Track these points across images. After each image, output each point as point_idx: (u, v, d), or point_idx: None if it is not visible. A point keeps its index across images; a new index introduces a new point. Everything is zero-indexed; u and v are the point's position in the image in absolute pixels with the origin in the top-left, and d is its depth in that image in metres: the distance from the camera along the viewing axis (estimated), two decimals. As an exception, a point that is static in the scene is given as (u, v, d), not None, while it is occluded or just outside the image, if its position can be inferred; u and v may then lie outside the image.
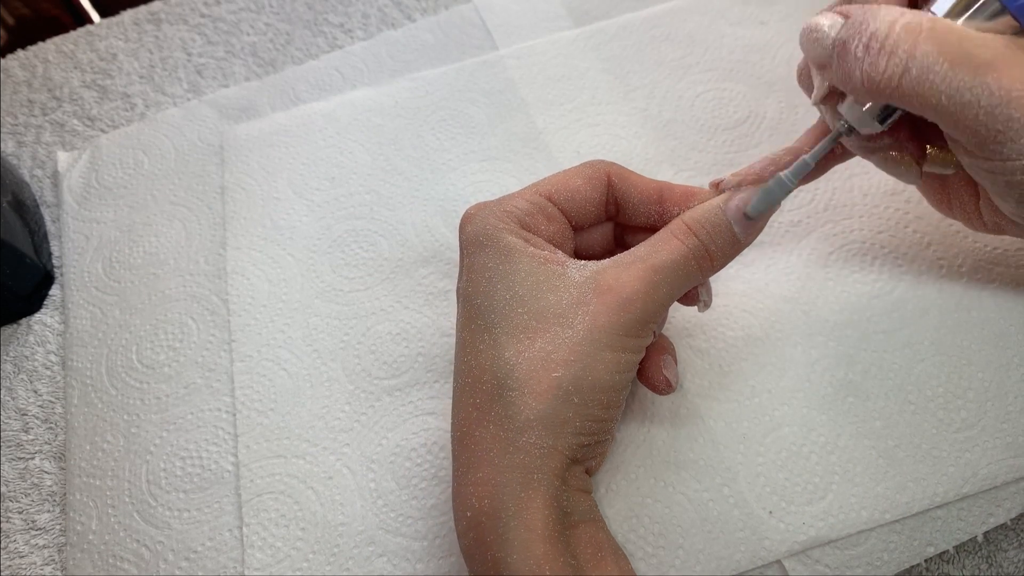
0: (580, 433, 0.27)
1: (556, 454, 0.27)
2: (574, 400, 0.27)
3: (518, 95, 0.44)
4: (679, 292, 0.29)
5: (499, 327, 0.28)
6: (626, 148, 0.41)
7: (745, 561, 0.30)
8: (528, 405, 0.27)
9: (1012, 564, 0.30)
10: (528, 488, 0.26)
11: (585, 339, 0.27)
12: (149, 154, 0.45)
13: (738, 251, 0.30)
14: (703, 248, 0.29)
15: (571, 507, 0.27)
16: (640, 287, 0.28)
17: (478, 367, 0.28)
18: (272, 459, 0.34)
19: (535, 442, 0.27)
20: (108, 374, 0.37)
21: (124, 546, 0.33)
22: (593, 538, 0.27)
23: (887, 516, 0.30)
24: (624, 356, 0.28)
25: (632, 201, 0.31)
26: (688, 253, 0.29)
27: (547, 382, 0.27)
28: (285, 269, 0.39)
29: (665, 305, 0.29)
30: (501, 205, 0.31)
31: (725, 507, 0.30)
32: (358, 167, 0.42)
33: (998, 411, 0.31)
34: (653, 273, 0.28)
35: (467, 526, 0.27)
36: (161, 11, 0.52)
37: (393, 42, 0.48)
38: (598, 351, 0.27)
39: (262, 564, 0.32)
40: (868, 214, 0.36)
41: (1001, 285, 0.34)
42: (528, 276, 0.29)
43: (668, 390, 0.31)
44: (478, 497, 0.27)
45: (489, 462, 0.27)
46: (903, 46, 0.24)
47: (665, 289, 0.28)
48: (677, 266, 0.28)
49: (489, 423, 0.28)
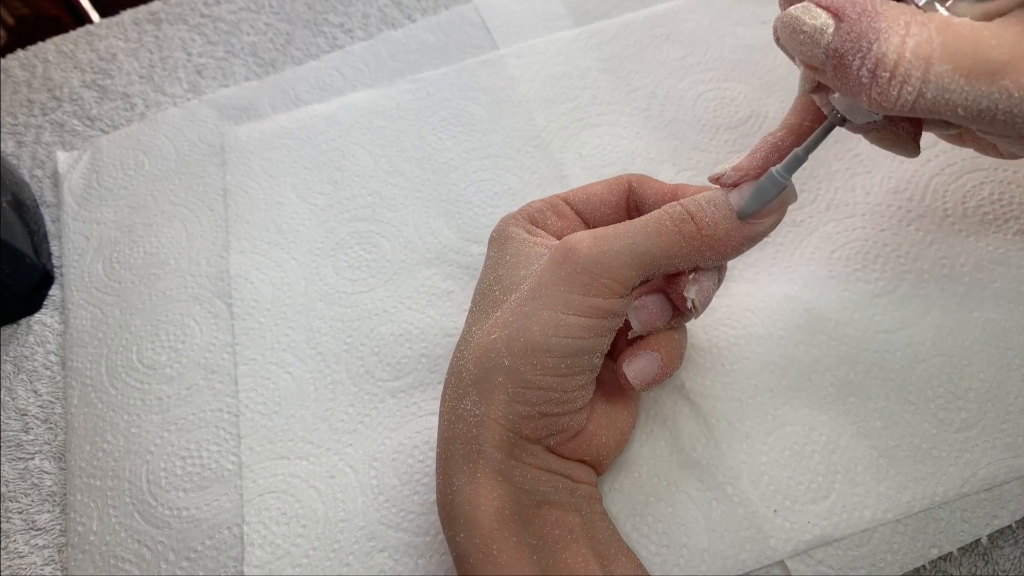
0: (516, 401, 0.26)
1: (490, 423, 0.26)
2: (504, 363, 0.26)
3: (519, 94, 0.44)
4: (649, 255, 0.27)
5: (479, 307, 0.29)
6: (627, 148, 0.41)
7: (750, 560, 0.29)
8: (468, 371, 0.27)
9: (1009, 562, 0.30)
10: (469, 460, 0.26)
11: (525, 298, 0.27)
12: (149, 155, 0.45)
13: (736, 240, 0.27)
14: (685, 213, 0.27)
15: (528, 485, 0.26)
16: (588, 238, 0.26)
17: (458, 349, 0.29)
18: (275, 460, 0.34)
19: (470, 409, 0.27)
20: (108, 374, 0.37)
21: (125, 546, 0.33)
22: (561, 520, 0.27)
23: (889, 515, 0.30)
24: (566, 318, 0.26)
25: (648, 202, 0.31)
26: (663, 214, 0.27)
27: (484, 345, 0.27)
28: (288, 272, 0.39)
29: (625, 259, 0.26)
30: (522, 208, 0.31)
31: (729, 506, 0.30)
32: (360, 169, 0.42)
33: (998, 411, 0.31)
34: (611, 230, 0.27)
35: (438, 507, 0.28)
36: (161, 11, 0.52)
37: (393, 42, 0.48)
38: (536, 311, 0.26)
39: (262, 561, 0.32)
40: (870, 212, 0.36)
41: (1003, 285, 0.34)
42: (512, 258, 0.29)
43: (627, 387, 0.29)
44: (437, 475, 0.27)
45: (442, 437, 0.27)
46: (915, 73, 0.22)
47: (624, 241, 0.26)
48: (647, 225, 0.27)
49: (447, 396, 0.28)
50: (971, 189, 0.36)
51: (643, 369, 0.29)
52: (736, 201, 0.27)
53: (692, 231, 0.27)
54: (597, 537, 0.27)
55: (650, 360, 0.29)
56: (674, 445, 0.32)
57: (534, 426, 0.27)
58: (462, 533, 0.26)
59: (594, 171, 0.40)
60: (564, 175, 0.40)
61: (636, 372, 0.29)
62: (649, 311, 0.29)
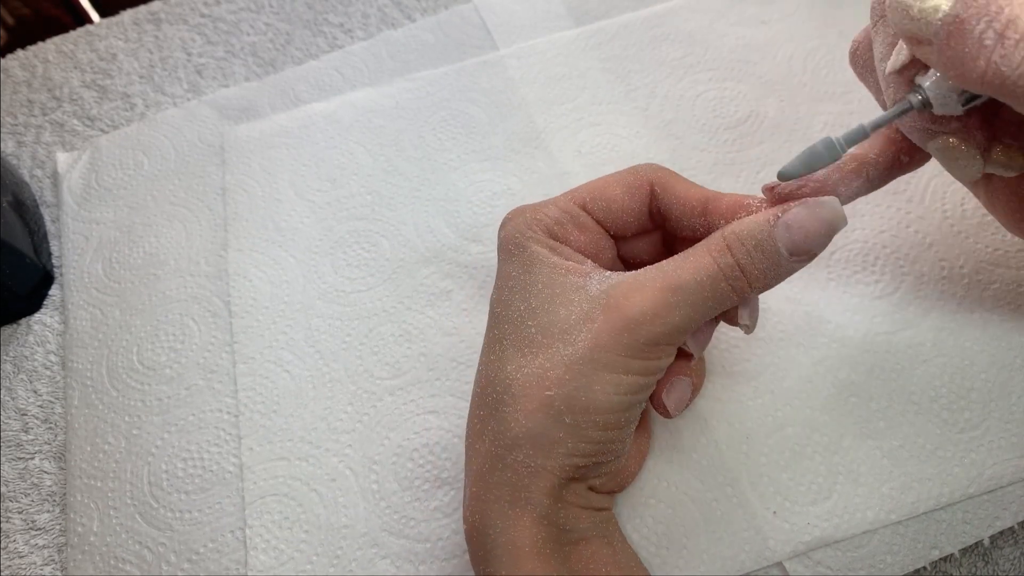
0: (573, 455, 0.26)
1: (546, 474, 0.26)
2: (565, 420, 0.26)
3: (519, 95, 0.44)
4: (705, 314, 0.26)
5: (508, 339, 0.28)
6: (627, 148, 0.41)
7: (749, 561, 0.29)
8: (519, 422, 0.26)
9: (1009, 562, 0.30)
10: (516, 506, 0.26)
11: (583, 358, 0.26)
12: (149, 155, 0.44)
13: (785, 274, 0.26)
14: (737, 268, 0.26)
15: (570, 524, 0.26)
16: (650, 308, 0.26)
17: (485, 377, 0.28)
18: (275, 461, 0.34)
19: (523, 461, 0.26)
20: (108, 375, 0.37)
21: (126, 548, 0.33)
22: (596, 554, 0.27)
23: (892, 516, 0.30)
24: (627, 378, 0.26)
25: (675, 213, 0.29)
26: (718, 273, 0.26)
27: (539, 400, 0.26)
28: (287, 271, 0.39)
29: (683, 328, 0.26)
30: (534, 212, 0.29)
31: (728, 507, 0.30)
32: (359, 168, 0.42)
33: (1002, 411, 0.31)
34: (669, 293, 0.26)
35: (466, 539, 0.27)
36: (161, 11, 0.52)
37: (393, 42, 0.48)
38: (595, 371, 0.26)
39: (265, 566, 0.32)
40: (870, 214, 0.36)
41: (1002, 286, 0.34)
42: (544, 288, 0.27)
43: (665, 415, 0.29)
44: (471, 512, 0.27)
45: (481, 478, 0.27)
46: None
47: (684, 311, 0.26)
48: (702, 287, 0.26)
49: (485, 437, 0.27)
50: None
51: (680, 397, 0.29)
52: (784, 241, 0.26)
53: (743, 287, 0.26)
54: (623, 563, 0.27)
55: (684, 386, 0.29)
56: (674, 447, 0.32)
57: (586, 472, 0.27)
58: (502, 572, 0.25)
59: (594, 170, 0.40)
60: (564, 173, 0.40)
61: (675, 401, 0.29)
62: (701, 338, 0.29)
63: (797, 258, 0.26)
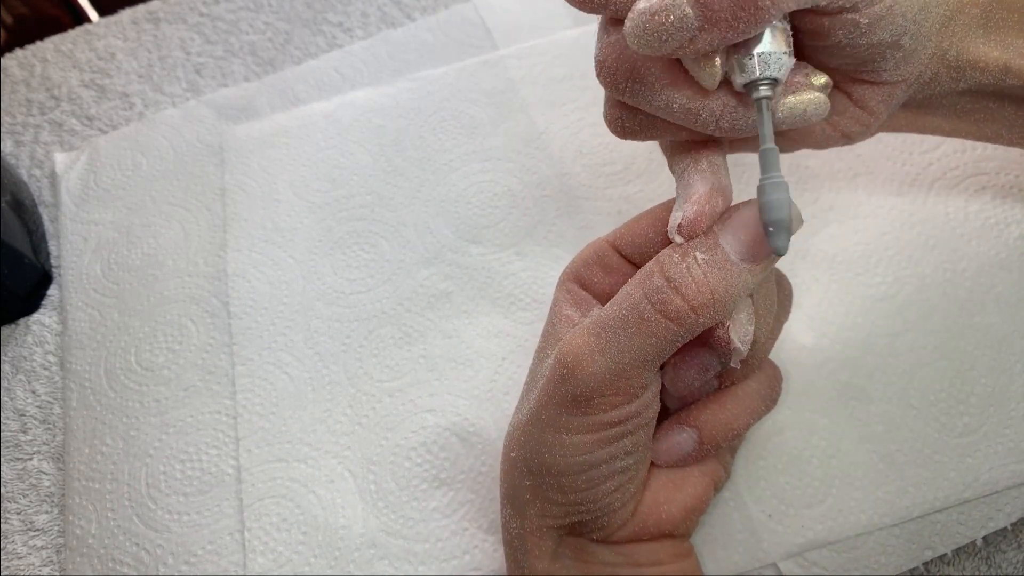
0: (545, 515, 0.25)
1: (529, 537, 0.25)
2: (527, 483, 0.25)
3: (519, 95, 0.44)
4: (642, 353, 0.22)
5: (528, 381, 0.27)
6: (628, 149, 0.41)
7: (742, 562, 0.30)
8: (502, 480, 0.26)
9: (1011, 565, 0.30)
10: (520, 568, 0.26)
11: (533, 418, 0.25)
12: (147, 155, 0.44)
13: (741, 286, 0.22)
14: (667, 287, 0.22)
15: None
16: (576, 354, 0.23)
17: (509, 425, 0.28)
18: (274, 463, 0.34)
19: (508, 521, 0.26)
20: (107, 376, 0.37)
21: (124, 549, 0.33)
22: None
23: (887, 520, 0.30)
24: (571, 439, 0.23)
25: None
26: (641, 298, 0.22)
27: (508, 460, 0.26)
28: (286, 271, 0.39)
29: (616, 373, 0.22)
30: (578, 254, 0.27)
31: (724, 509, 0.30)
32: (359, 168, 0.42)
33: (1000, 416, 0.31)
34: (597, 334, 0.23)
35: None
36: (160, 10, 0.52)
37: (393, 41, 0.47)
38: (541, 432, 0.24)
39: (264, 568, 0.32)
40: (872, 215, 0.36)
41: (1005, 290, 0.33)
42: (545, 330, 0.27)
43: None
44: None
45: (503, 524, 0.27)
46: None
47: (612, 354, 0.22)
48: (625, 320, 0.22)
49: (501, 489, 0.27)
50: (973, 193, 0.36)
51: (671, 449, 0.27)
52: (732, 247, 0.22)
53: (680, 308, 0.22)
54: None
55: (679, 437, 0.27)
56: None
57: (578, 529, 0.26)
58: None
59: (595, 171, 0.40)
60: (565, 174, 0.40)
61: (664, 454, 0.27)
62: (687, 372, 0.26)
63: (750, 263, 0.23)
